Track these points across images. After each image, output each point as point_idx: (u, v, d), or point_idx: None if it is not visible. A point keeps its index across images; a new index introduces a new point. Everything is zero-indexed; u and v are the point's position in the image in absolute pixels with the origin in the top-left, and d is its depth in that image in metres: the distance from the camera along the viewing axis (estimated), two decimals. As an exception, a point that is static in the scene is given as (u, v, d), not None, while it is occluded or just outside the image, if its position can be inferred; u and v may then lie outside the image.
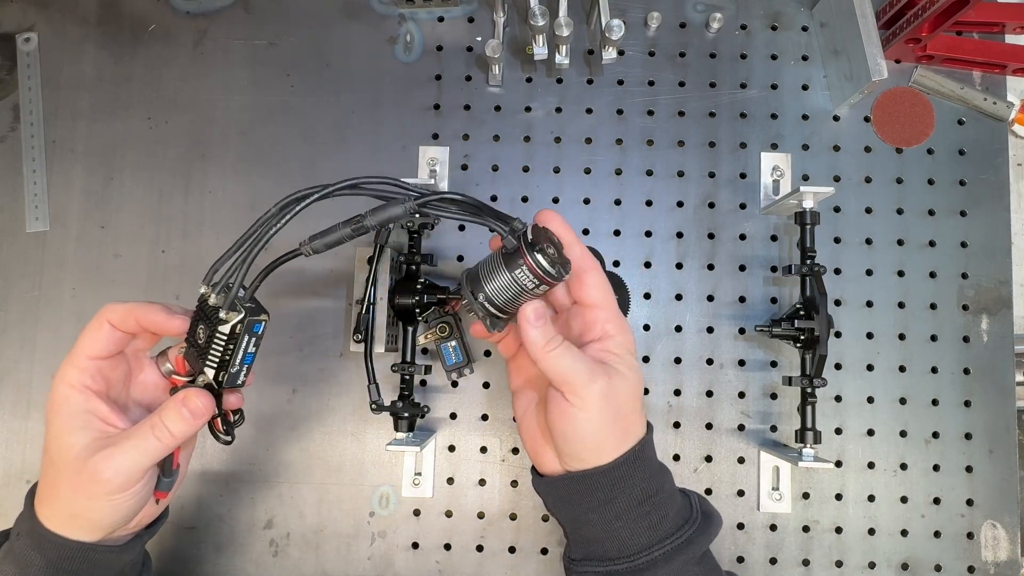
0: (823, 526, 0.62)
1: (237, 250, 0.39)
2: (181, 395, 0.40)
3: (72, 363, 0.41)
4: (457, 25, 0.68)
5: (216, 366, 0.40)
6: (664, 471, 0.45)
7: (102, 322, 0.41)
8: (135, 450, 0.39)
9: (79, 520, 0.40)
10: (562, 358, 0.40)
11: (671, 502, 0.43)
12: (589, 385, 0.40)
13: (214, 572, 0.62)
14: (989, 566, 0.62)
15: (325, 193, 0.39)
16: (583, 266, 0.43)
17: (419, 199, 0.40)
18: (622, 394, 0.41)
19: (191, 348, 0.41)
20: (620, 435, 0.41)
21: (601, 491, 0.41)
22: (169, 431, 0.39)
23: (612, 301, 0.43)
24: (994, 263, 0.64)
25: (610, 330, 0.42)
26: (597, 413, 0.40)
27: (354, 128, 0.67)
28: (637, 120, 0.67)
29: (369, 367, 0.56)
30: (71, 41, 0.68)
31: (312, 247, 0.40)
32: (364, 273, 0.57)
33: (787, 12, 0.68)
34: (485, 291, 0.41)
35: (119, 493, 0.39)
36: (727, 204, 0.66)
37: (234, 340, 0.39)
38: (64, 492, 0.40)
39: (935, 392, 0.63)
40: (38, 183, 0.66)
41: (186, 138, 0.67)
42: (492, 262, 0.41)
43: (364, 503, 0.63)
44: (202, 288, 0.40)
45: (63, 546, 0.40)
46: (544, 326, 0.40)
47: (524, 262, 0.40)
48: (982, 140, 0.66)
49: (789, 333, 0.59)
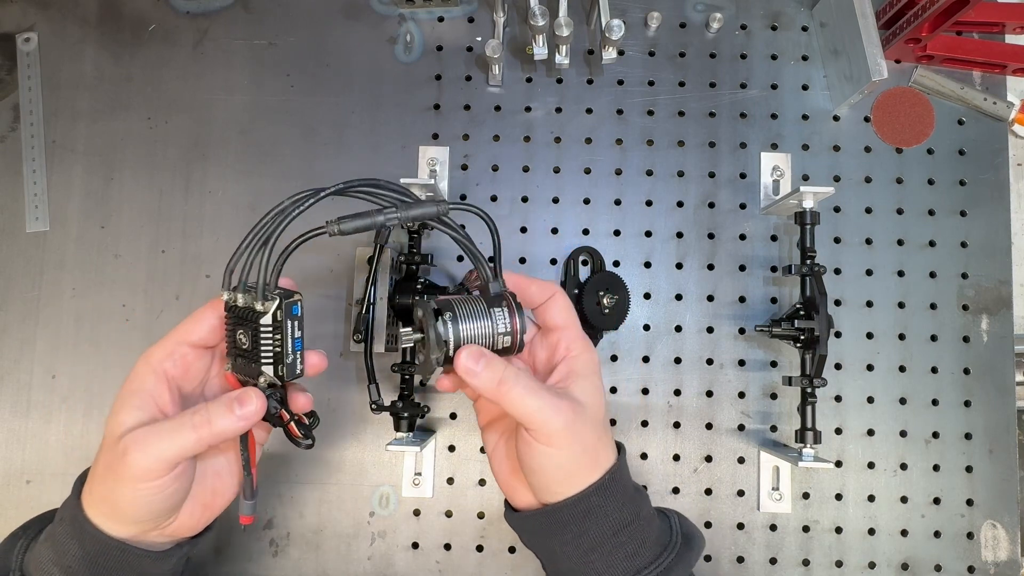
0: (823, 526, 0.62)
1: (249, 245, 0.38)
2: (238, 392, 0.39)
3: (163, 344, 0.40)
4: (457, 25, 0.68)
5: (272, 361, 0.39)
6: (639, 496, 0.44)
7: (209, 310, 0.41)
8: (167, 435, 0.37)
9: (108, 505, 0.39)
10: (522, 397, 0.39)
11: (648, 528, 0.42)
12: (552, 422, 0.39)
13: (214, 572, 0.62)
14: (989, 566, 0.62)
15: (340, 189, 0.39)
16: (546, 294, 0.44)
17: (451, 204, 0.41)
18: (587, 424, 0.40)
19: (237, 360, 0.40)
20: (590, 465, 0.41)
21: (574, 523, 0.41)
22: (210, 423, 0.37)
23: (577, 322, 0.44)
24: (994, 263, 0.64)
25: (574, 349, 0.43)
26: (564, 448, 0.39)
27: (354, 128, 0.67)
28: (637, 120, 0.67)
29: (369, 367, 0.56)
30: (71, 41, 0.68)
31: (340, 228, 0.38)
32: (364, 273, 0.57)
33: (787, 12, 0.68)
34: (459, 339, 0.39)
35: (143, 481, 0.37)
36: (727, 204, 0.66)
37: (279, 328, 0.38)
38: (100, 471, 0.39)
39: (935, 392, 0.63)
40: (38, 183, 0.66)
41: (186, 138, 0.67)
42: (471, 305, 0.40)
43: (364, 503, 0.63)
44: (225, 295, 0.39)
45: (100, 540, 0.39)
46: (487, 367, 0.39)
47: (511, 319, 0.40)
48: (982, 140, 0.66)
49: (789, 333, 0.59)
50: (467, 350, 0.39)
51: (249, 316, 0.38)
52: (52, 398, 0.64)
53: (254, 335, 0.38)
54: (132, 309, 0.65)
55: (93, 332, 0.65)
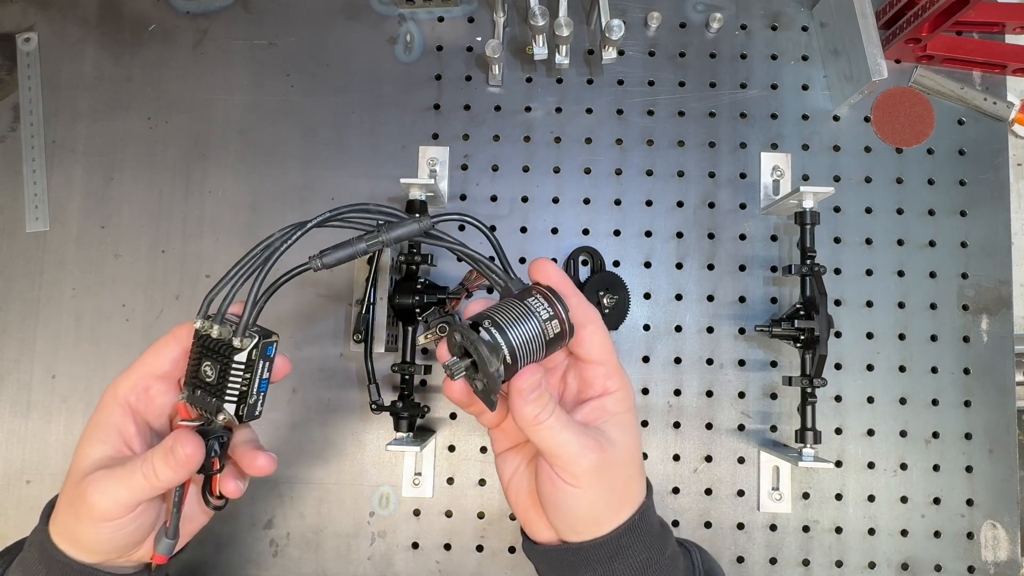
0: (823, 526, 0.62)
1: (235, 277, 0.37)
2: (172, 437, 0.37)
3: (127, 375, 0.40)
4: (457, 25, 0.68)
5: (236, 399, 0.37)
6: (665, 533, 0.42)
7: (172, 341, 0.40)
8: (122, 481, 0.37)
9: (71, 536, 0.39)
10: (553, 431, 0.36)
11: (673, 568, 0.41)
12: (580, 461, 0.36)
13: (214, 572, 0.62)
14: (989, 566, 0.62)
15: (332, 216, 0.38)
16: (582, 319, 0.39)
17: (434, 218, 0.39)
18: (618, 466, 0.38)
19: (196, 391, 0.38)
20: (617, 507, 0.39)
21: (600, 564, 0.39)
22: (155, 471, 0.37)
23: (615, 356, 0.40)
24: (994, 263, 0.64)
25: (610, 386, 0.39)
26: (590, 489, 0.37)
27: (354, 128, 0.67)
28: (637, 120, 0.67)
29: (369, 367, 0.56)
30: (71, 41, 0.68)
31: (323, 262, 0.37)
32: (364, 273, 0.57)
33: (787, 12, 0.68)
34: (509, 342, 0.36)
35: (102, 521, 0.37)
36: (727, 204, 0.66)
37: (251, 368, 0.37)
38: (64, 505, 0.39)
39: (935, 392, 0.63)
40: (38, 183, 0.66)
41: (186, 138, 0.67)
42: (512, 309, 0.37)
43: (364, 503, 0.63)
44: (197, 323, 0.38)
45: (66, 565, 0.39)
46: (538, 399, 0.36)
47: (555, 314, 0.37)
48: (982, 140, 0.66)
49: (789, 333, 0.59)
50: (528, 378, 0.36)
51: (222, 350, 0.37)
52: (52, 398, 0.64)
53: (223, 370, 0.37)
54: (132, 309, 0.65)
55: (93, 332, 0.65)
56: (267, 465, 0.40)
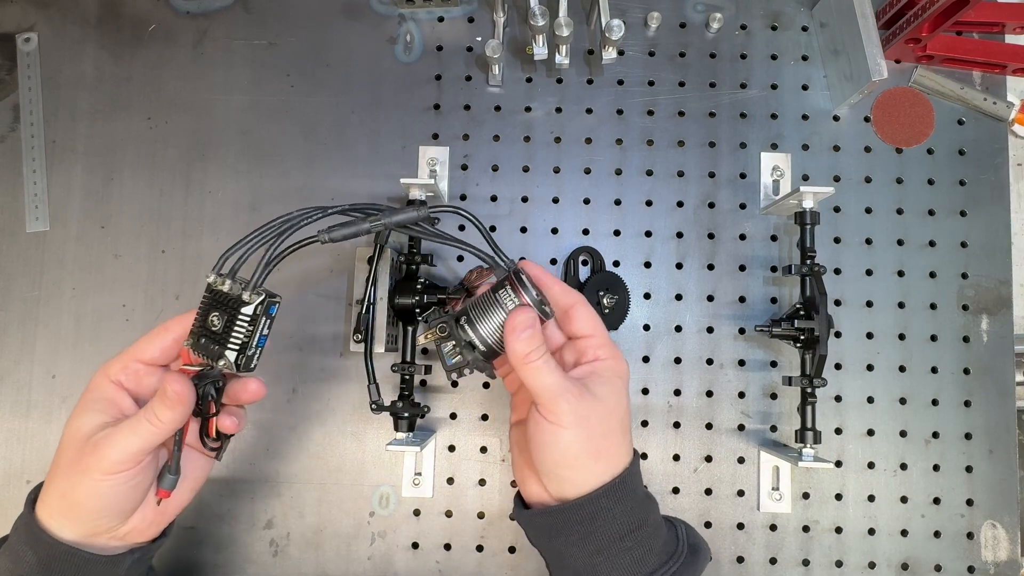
0: (823, 526, 0.62)
1: (253, 241, 0.41)
2: (161, 380, 0.42)
3: (118, 358, 0.44)
4: (457, 25, 0.68)
5: (238, 348, 0.41)
6: (649, 502, 0.44)
7: (163, 331, 0.44)
8: (132, 431, 0.40)
9: (67, 501, 0.41)
10: (541, 372, 0.40)
11: (655, 536, 0.43)
12: (561, 401, 0.40)
13: (214, 572, 0.62)
14: (989, 566, 0.62)
15: (351, 208, 0.44)
16: (568, 301, 0.44)
17: (431, 208, 0.45)
18: (597, 414, 0.41)
19: (200, 340, 0.42)
20: (594, 454, 0.41)
21: (581, 524, 0.41)
22: (156, 415, 0.40)
23: (603, 330, 0.45)
24: (994, 263, 0.64)
25: (602, 355, 0.44)
26: (569, 430, 0.40)
27: (354, 128, 0.67)
28: (637, 120, 0.67)
29: (369, 367, 0.56)
30: (71, 41, 0.68)
31: (331, 236, 0.42)
32: (364, 273, 0.57)
33: (787, 12, 0.68)
34: (478, 332, 0.43)
35: (113, 473, 0.40)
36: (727, 204, 0.66)
37: (255, 321, 0.41)
38: (62, 471, 0.41)
39: (935, 392, 0.63)
40: (38, 183, 0.66)
41: (186, 138, 0.67)
42: (483, 303, 0.43)
43: (364, 503, 0.63)
44: (210, 277, 0.41)
45: (52, 545, 0.41)
46: (530, 338, 0.41)
47: (517, 294, 0.42)
48: (982, 140, 0.66)
49: (789, 333, 0.59)
50: (522, 315, 0.41)
51: (230, 303, 0.41)
52: (52, 398, 0.64)
53: (229, 320, 0.41)
54: (132, 309, 0.65)
55: (93, 332, 0.65)
56: (258, 389, 0.44)
